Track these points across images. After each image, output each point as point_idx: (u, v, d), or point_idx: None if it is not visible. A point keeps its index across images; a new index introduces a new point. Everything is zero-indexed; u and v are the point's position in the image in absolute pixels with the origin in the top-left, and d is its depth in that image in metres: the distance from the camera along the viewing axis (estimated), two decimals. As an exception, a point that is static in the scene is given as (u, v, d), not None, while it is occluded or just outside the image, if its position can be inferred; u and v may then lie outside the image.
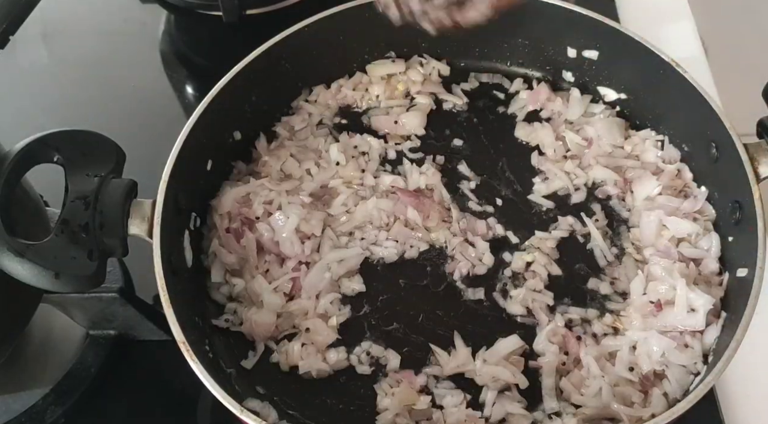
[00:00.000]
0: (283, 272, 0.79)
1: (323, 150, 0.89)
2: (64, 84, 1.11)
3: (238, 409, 0.63)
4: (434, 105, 0.94)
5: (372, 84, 0.95)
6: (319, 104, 0.94)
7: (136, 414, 0.81)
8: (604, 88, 0.92)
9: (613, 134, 0.87)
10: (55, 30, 1.18)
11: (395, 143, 0.91)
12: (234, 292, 0.79)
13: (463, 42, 0.95)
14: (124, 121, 1.02)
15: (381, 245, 0.82)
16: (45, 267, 0.63)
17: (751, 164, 0.72)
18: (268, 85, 0.88)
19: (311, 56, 0.91)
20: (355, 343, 0.77)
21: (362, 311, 0.79)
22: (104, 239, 0.67)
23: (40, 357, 0.82)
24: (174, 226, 0.74)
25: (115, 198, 0.68)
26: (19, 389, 0.80)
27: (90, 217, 0.66)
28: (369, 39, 0.93)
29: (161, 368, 0.82)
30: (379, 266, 0.82)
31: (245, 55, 0.84)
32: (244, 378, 0.75)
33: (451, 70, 0.97)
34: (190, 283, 0.78)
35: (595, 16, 0.85)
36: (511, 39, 0.94)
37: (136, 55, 1.15)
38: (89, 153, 0.69)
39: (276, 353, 0.76)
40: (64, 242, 0.65)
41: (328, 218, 0.83)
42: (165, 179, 0.73)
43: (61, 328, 0.83)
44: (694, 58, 1.02)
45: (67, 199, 0.67)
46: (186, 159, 0.76)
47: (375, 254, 0.82)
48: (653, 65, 0.82)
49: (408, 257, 0.82)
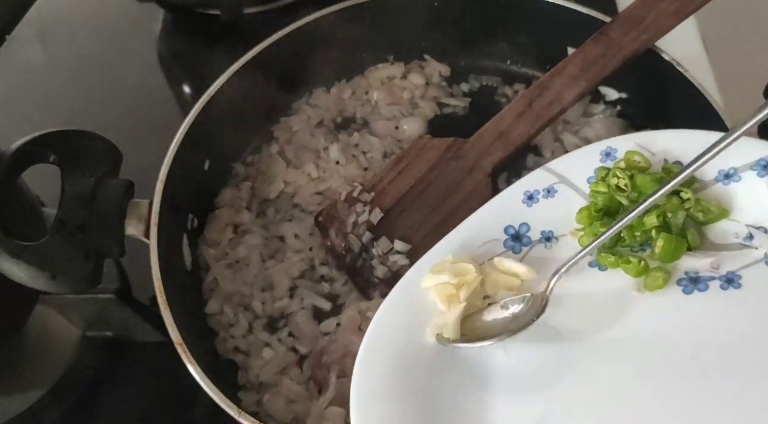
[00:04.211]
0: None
1: (322, 149, 0.89)
2: (61, 83, 1.10)
3: (236, 411, 0.62)
4: (438, 109, 0.93)
5: (372, 88, 0.95)
6: (319, 108, 0.94)
7: (133, 416, 0.80)
8: (605, 87, 0.91)
9: (613, 135, 0.87)
10: (52, 29, 1.17)
11: (397, 140, 0.91)
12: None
13: (463, 42, 0.94)
14: (120, 120, 1.01)
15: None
16: (41, 268, 0.62)
17: (753, 164, 0.71)
18: (266, 85, 0.88)
19: (310, 56, 0.90)
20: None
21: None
22: (101, 240, 0.67)
23: (37, 359, 0.82)
24: (171, 227, 0.74)
25: (111, 198, 0.68)
26: (15, 390, 0.80)
27: (86, 217, 0.66)
28: (368, 39, 0.93)
29: (158, 370, 0.81)
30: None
31: (243, 54, 0.83)
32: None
33: (451, 71, 0.96)
34: (188, 284, 0.77)
35: (595, 15, 0.85)
36: (511, 39, 0.93)
37: (133, 55, 1.14)
38: (85, 153, 0.69)
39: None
40: (61, 242, 0.64)
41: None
42: (162, 179, 0.72)
43: (58, 329, 0.83)
44: (695, 57, 1.02)
45: (64, 199, 0.66)
46: (183, 159, 0.75)
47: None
48: (654, 64, 0.82)
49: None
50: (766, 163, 0.61)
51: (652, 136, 0.65)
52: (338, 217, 0.79)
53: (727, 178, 0.62)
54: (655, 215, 0.60)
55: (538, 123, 0.78)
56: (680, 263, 0.60)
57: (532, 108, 0.78)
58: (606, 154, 0.65)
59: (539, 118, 0.78)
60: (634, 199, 0.62)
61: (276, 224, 0.84)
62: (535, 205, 0.65)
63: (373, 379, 0.56)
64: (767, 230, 0.60)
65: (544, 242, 0.64)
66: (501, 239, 0.65)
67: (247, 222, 0.84)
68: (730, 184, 0.62)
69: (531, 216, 0.65)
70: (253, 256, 0.81)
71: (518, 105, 0.79)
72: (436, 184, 0.78)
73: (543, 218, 0.65)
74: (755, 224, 0.60)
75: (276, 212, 0.85)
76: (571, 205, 0.65)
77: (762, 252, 0.59)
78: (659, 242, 0.59)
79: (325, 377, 0.70)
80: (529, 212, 0.65)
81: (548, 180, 0.66)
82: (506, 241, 0.64)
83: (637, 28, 0.78)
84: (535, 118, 0.78)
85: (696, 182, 0.63)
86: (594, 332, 0.58)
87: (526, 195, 0.66)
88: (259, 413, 0.70)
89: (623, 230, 0.61)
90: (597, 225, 0.62)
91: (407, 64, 0.97)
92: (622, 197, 0.63)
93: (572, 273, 0.60)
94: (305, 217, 0.84)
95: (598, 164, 0.65)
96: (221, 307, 0.77)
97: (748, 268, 0.59)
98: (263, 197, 0.86)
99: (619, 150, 0.65)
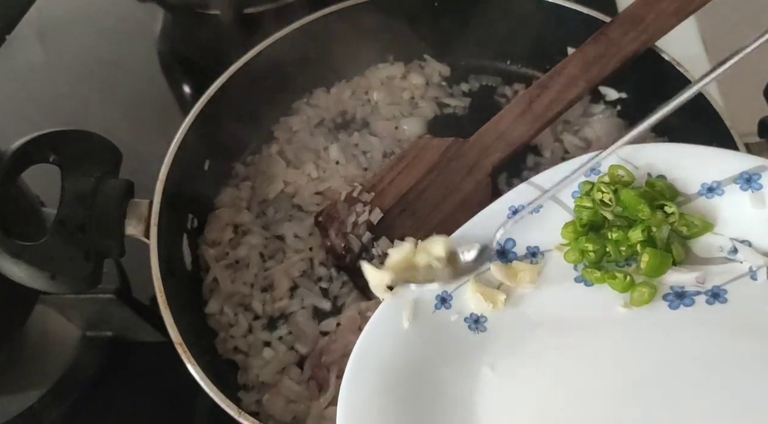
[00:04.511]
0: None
1: (322, 149, 0.89)
2: (61, 83, 1.10)
3: (236, 411, 0.62)
4: (438, 110, 0.93)
5: (372, 88, 0.95)
6: (319, 108, 0.94)
7: (133, 416, 0.80)
8: (605, 87, 0.91)
9: (612, 136, 0.87)
10: (52, 29, 1.17)
11: (397, 140, 0.91)
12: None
13: (463, 42, 0.94)
14: (120, 120, 1.01)
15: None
16: (41, 268, 0.62)
17: (753, 164, 0.71)
18: (266, 85, 0.88)
19: (310, 56, 0.90)
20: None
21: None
22: (101, 240, 0.67)
23: (37, 358, 0.82)
24: (171, 227, 0.74)
25: (111, 198, 0.68)
26: (15, 390, 0.80)
27: (86, 217, 0.66)
28: (368, 39, 0.93)
29: (158, 370, 0.81)
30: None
31: (243, 54, 0.83)
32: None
33: (451, 71, 0.96)
34: (188, 284, 0.77)
35: (595, 15, 0.85)
36: (511, 39, 0.93)
37: (133, 55, 1.14)
38: (85, 153, 0.69)
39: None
40: (61, 242, 0.64)
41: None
42: (162, 179, 0.72)
43: (58, 329, 0.83)
44: (695, 57, 1.02)
45: (64, 199, 0.66)
46: (183, 159, 0.75)
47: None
48: (654, 64, 0.82)
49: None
50: (748, 177, 0.61)
51: (635, 150, 0.65)
52: (338, 217, 0.79)
53: (710, 191, 0.62)
54: (640, 230, 0.60)
55: (538, 123, 0.78)
56: (666, 278, 0.60)
57: (532, 108, 0.78)
58: (590, 168, 0.65)
59: (539, 118, 0.78)
60: (618, 214, 0.62)
61: (276, 223, 0.84)
62: (521, 221, 0.64)
63: (359, 399, 0.56)
64: (752, 244, 0.60)
65: (530, 257, 0.64)
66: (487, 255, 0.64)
67: (247, 222, 0.84)
68: (714, 197, 0.62)
69: (516, 231, 0.64)
70: (253, 256, 0.81)
71: (518, 105, 0.79)
72: (436, 184, 0.78)
73: (528, 234, 0.64)
74: (739, 237, 0.60)
75: (276, 212, 0.85)
76: (556, 220, 0.64)
77: (747, 266, 0.59)
78: (645, 256, 0.59)
79: (325, 377, 0.70)
80: (514, 227, 0.64)
81: (533, 195, 0.65)
82: (492, 257, 0.63)
83: (636, 28, 0.78)
84: (535, 118, 0.78)
85: (680, 196, 0.62)
86: (581, 349, 0.58)
87: (511, 210, 0.65)
88: (259, 413, 0.70)
89: (609, 245, 0.61)
90: (582, 240, 0.62)
91: (407, 64, 0.97)
92: (607, 212, 0.62)
93: (559, 288, 0.60)
94: (305, 217, 0.84)
95: (582, 178, 0.65)
96: (221, 307, 0.77)
97: (733, 282, 0.58)
98: (263, 197, 0.86)
99: (602, 164, 0.65)
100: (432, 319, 0.60)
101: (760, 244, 0.59)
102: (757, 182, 0.60)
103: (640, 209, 0.60)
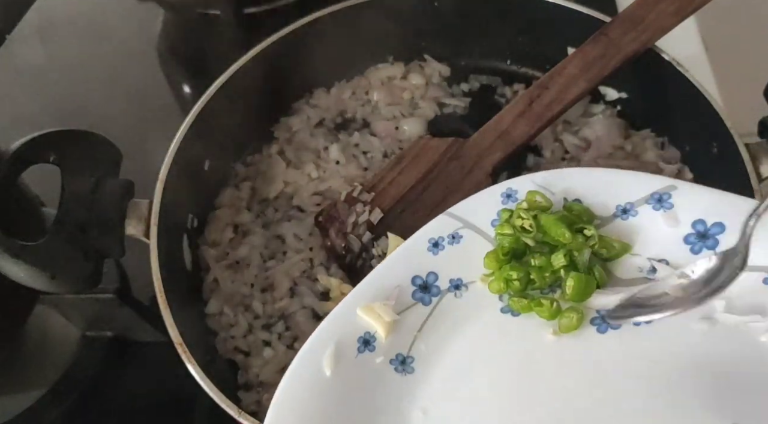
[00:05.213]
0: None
1: (322, 149, 0.89)
2: (61, 83, 1.10)
3: (236, 411, 0.62)
4: (438, 110, 0.93)
5: (372, 88, 0.95)
6: (319, 108, 0.94)
7: (134, 416, 0.80)
8: (605, 87, 0.91)
9: (612, 136, 0.87)
10: (52, 28, 1.17)
11: (397, 140, 0.91)
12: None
13: (463, 42, 0.94)
14: (120, 120, 1.01)
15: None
16: (41, 268, 0.62)
17: (753, 164, 0.71)
18: (266, 85, 0.88)
19: (310, 56, 0.90)
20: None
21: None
22: (101, 240, 0.67)
23: (37, 358, 0.82)
24: (171, 227, 0.74)
25: (111, 198, 0.68)
26: (15, 390, 0.80)
27: (86, 217, 0.66)
28: (368, 39, 0.93)
29: (158, 370, 0.81)
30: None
31: (243, 54, 0.83)
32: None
33: (451, 71, 0.96)
34: (188, 284, 0.77)
35: (595, 15, 0.85)
36: (511, 39, 0.93)
37: (134, 54, 1.14)
38: (85, 153, 0.69)
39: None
40: (61, 242, 0.64)
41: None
42: (162, 179, 0.72)
43: (58, 329, 0.83)
44: (695, 56, 1.02)
45: (64, 199, 0.66)
46: (183, 159, 0.75)
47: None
48: (654, 64, 0.82)
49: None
50: (659, 197, 0.61)
51: (551, 176, 0.64)
52: (338, 217, 0.79)
53: (625, 213, 0.62)
54: (562, 254, 0.59)
55: (538, 123, 0.78)
56: (591, 301, 0.59)
57: (532, 108, 0.78)
58: (507, 195, 0.64)
59: (539, 118, 0.78)
60: (539, 240, 0.62)
61: (276, 224, 0.84)
62: (442, 253, 0.62)
63: None
64: (669, 262, 0.60)
65: (454, 290, 0.62)
66: (409, 290, 0.61)
67: (247, 222, 0.84)
68: (629, 219, 0.62)
69: (438, 264, 0.62)
70: (254, 256, 0.81)
71: (518, 105, 0.79)
72: (436, 184, 0.78)
73: (450, 266, 0.62)
74: (657, 256, 0.60)
75: (276, 212, 0.85)
76: (477, 249, 0.63)
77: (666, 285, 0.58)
78: (569, 281, 0.58)
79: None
80: (435, 260, 0.62)
81: (452, 226, 0.63)
82: (414, 292, 0.61)
83: (636, 28, 0.78)
84: (535, 118, 0.78)
85: (597, 219, 0.62)
86: (514, 383, 0.57)
87: (431, 243, 0.63)
88: (259, 413, 0.70)
89: (533, 272, 0.60)
90: (506, 268, 0.60)
91: (407, 64, 0.97)
92: (528, 238, 0.61)
93: (486, 321, 0.60)
94: (305, 217, 0.84)
95: (500, 206, 0.64)
96: (221, 307, 0.77)
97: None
98: (263, 197, 0.86)
99: (519, 191, 0.64)
100: (356, 363, 0.57)
101: (677, 262, 0.59)
102: (668, 202, 0.61)
103: (560, 233, 0.60)
